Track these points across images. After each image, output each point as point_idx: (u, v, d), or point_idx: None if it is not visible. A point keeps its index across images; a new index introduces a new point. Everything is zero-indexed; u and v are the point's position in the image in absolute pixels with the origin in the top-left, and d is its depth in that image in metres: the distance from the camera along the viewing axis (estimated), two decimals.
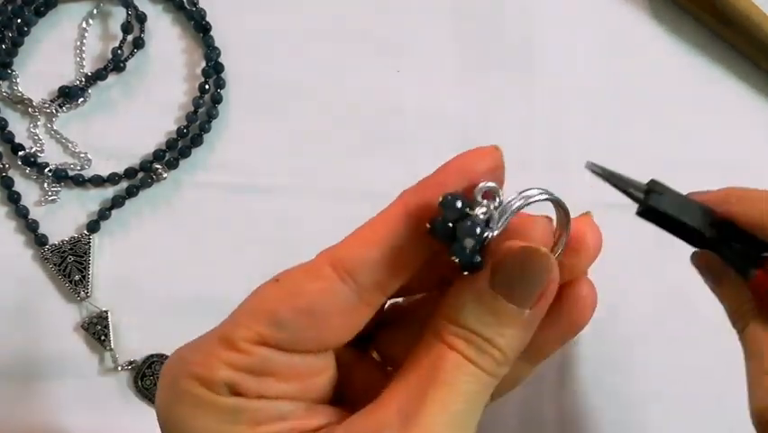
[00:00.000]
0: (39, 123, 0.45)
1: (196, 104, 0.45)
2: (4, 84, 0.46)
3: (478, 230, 0.22)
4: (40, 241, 0.43)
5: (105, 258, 0.43)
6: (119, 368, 0.42)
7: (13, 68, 0.46)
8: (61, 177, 0.44)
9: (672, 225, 0.33)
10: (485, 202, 0.23)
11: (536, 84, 0.47)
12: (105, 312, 0.42)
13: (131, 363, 0.42)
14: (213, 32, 0.47)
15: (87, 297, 0.42)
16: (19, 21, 0.46)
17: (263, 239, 0.44)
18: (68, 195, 0.44)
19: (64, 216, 0.44)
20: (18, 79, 0.46)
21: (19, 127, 0.45)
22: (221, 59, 0.46)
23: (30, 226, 0.43)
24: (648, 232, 0.44)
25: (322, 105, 0.46)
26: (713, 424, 0.42)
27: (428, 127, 0.46)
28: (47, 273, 0.43)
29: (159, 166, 0.44)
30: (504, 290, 0.24)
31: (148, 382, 0.41)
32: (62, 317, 0.42)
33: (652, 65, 0.48)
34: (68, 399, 0.41)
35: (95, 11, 0.47)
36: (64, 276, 0.42)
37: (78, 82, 0.45)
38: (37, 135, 0.45)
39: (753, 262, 0.32)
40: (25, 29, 0.46)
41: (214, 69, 0.46)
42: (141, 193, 0.44)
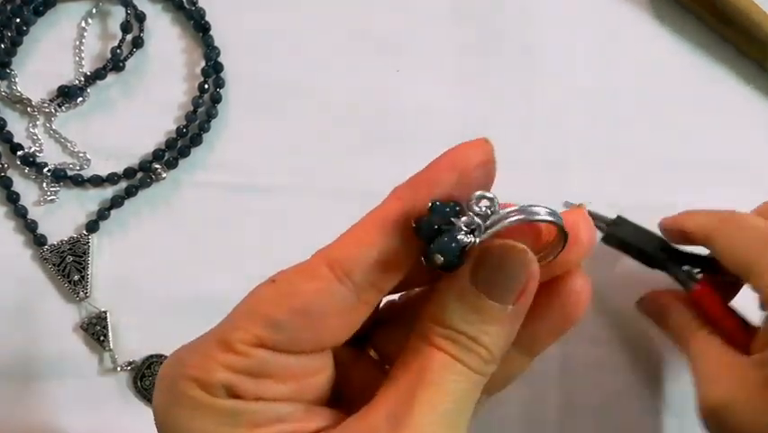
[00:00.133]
0: (38, 122, 0.45)
1: (196, 103, 0.45)
2: (3, 83, 0.45)
3: (454, 241, 0.23)
4: (39, 241, 0.43)
5: (104, 258, 0.43)
6: (118, 368, 0.41)
7: (12, 67, 0.46)
8: (60, 177, 0.44)
9: (630, 249, 0.41)
10: (475, 210, 0.23)
11: (536, 84, 0.47)
12: (105, 312, 0.42)
13: (130, 364, 0.42)
14: (212, 31, 0.47)
15: (87, 297, 0.42)
16: (18, 20, 0.46)
17: (263, 239, 0.44)
18: (67, 195, 0.44)
19: (63, 216, 0.44)
20: (17, 79, 0.46)
21: (18, 127, 0.45)
22: (220, 58, 0.46)
23: (29, 226, 0.43)
24: (658, 230, 0.45)
25: (321, 105, 0.46)
26: None
27: (428, 127, 0.46)
28: (46, 273, 0.43)
29: (158, 166, 0.44)
30: (485, 288, 0.24)
31: (147, 383, 0.41)
32: (61, 317, 0.42)
33: (652, 64, 0.48)
34: (67, 399, 0.41)
35: (94, 10, 0.47)
36: (63, 276, 0.42)
37: (77, 82, 0.45)
38: (36, 135, 0.45)
39: (694, 279, 0.40)
40: (24, 28, 0.46)
41: (213, 69, 0.46)
42: (141, 193, 0.44)
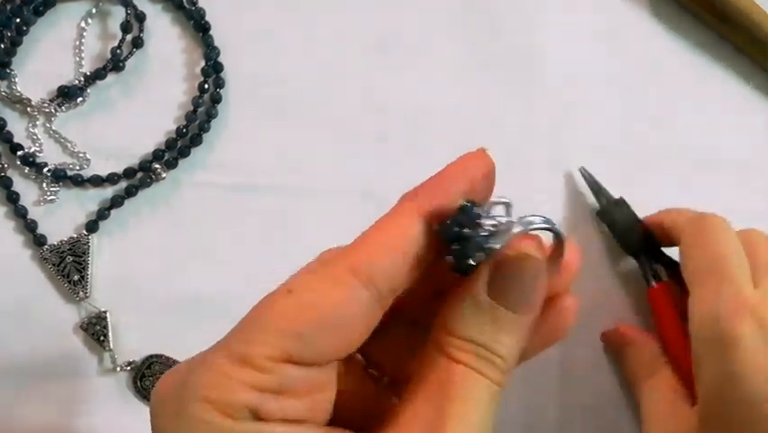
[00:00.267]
0: (37, 122, 0.45)
1: (196, 103, 0.45)
2: (3, 83, 0.45)
3: (484, 245, 0.23)
4: (38, 241, 0.43)
5: (103, 258, 0.43)
6: (118, 369, 0.41)
7: (12, 67, 0.46)
8: (60, 177, 0.44)
9: (615, 231, 0.43)
10: (494, 215, 0.24)
11: (536, 83, 0.47)
12: (104, 312, 0.42)
13: (130, 364, 0.41)
14: (212, 31, 0.47)
15: (86, 297, 0.42)
16: (18, 20, 0.46)
17: (262, 239, 0.44)
18: (66, 195, 0.44)
19: (63, 216, 0.44)
20: (17, 79, 0.46)
21: (18, 127, 0.45)
22: (220, 58, 0.46)
23: (28, 226, 0.43)
24: None
25: (321, 105, 0.46)
26: None
27: (428, 127, 0.46)
28: (46, 273, 0.43)
29: (158, 166, 0.44)
30: (501, 298, 0.24)
31: (147, 383, 0.41)
32: (61, 317, 0.42)
33: (652, 63, 0.48)
34: (67, 399, 0.41)
35: (93, 10, 0.47)
36: (63, 276, 0.42)
37: (77, 82, 0.45)
38: (36, 135, 0.45)
39: (657, 277, 0.41)
40: (24, 28, 0.46)
41: (213, 69, 0.46)
42: (141, 193, 0.44)
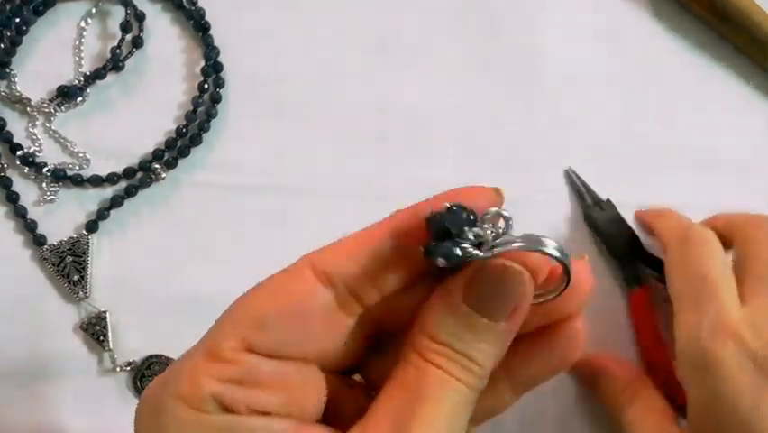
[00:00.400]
0: (37, 122, 0.45)
1: (196, 103, 0.45)
2: (3, 83, 0.45)
3: (460, 250, 0.23)
4: (38, 241, 0.43)
5: (103, 258, 0.43)
6: (118, 369, 0.41)
7: (12, 67, 0.46)
8: (60, 177, 0.44)
9: (600, 233, 0.42)
10: (485, 226, 0.23)
11: (536, 83, 0.47)
12: (104, 312, 0.42)
13: (130, 364, 0.41)
14: (212, 31, 0.47)
15: (86, 297, 0.42)
16: (17, 20, 0.46)
17: (262, 239, 0.44)
18: (66, 195, 0.44)
19: (62, 216, 0.44)
20: (16, 79, 0.46)
21: (17, 127, 0.45)
22: (220, 58, 0.46)
23: (28, 226, 0.43)
24: None
25: (321, 105, 0.46)
26: None
27: (428, 127, 0.46)
28: (45, 273, 0.43)
29: (158, 166, 0.44)
30: (477, 305, 0.24)
31: (147, 383, 0.41)
32: (61, 317, 0.42)
33: (652, 63, 0.48)
34: (66, 399, 0.41)
35: (93, 10, 0.47)
36: (63, 276, 0.42)
37: (77, 81, 0.45)
38: (35, 135, 0.45)
39: (639, 282, 0.41)
40: (24, 28, 0.46)
41: (213, 69, 0.46)
42: (140, 193, 0.44)
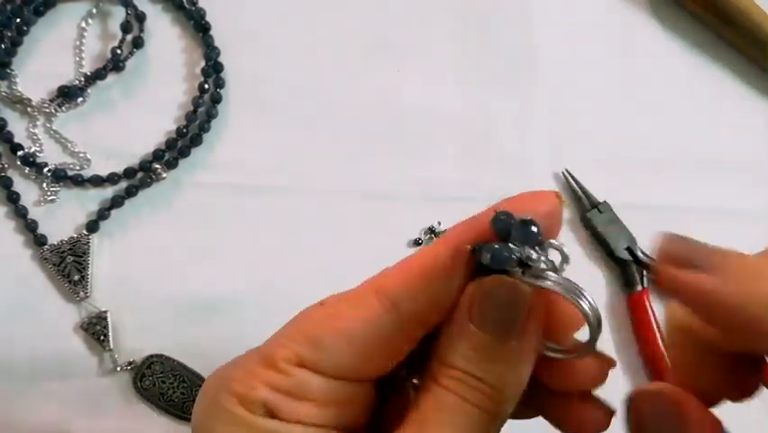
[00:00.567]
0: (38, 122, 0.45)
1: (196, 103, 0.45)
2: (4, 84, 0.45)
3: (507, 261, 0.22)
4: (39, 241, 0.43)
5: (104, 258, 0.43)
6: (118, 368, 0.41)
7: (13, 67, 0.46)
8: (60, 177, 0.44)
9: (597, 237, 0.43)
10: (541, 252, 0.23)
11: (536, 84, 0.47)
12: (105, 312, 0.42)
13: (130, 364, 0.41)
14: (212, 31, 0.47)
15: (87, 297, 0.42)
16: (18, 20, 0.46)
17: (263, 239, 0.44)
18: (67, 195, 0.44)
19: (63, 216, 0.44)
20: (17, 79, 0.46)
21: (18, 127, 0.45)
22: (220, 58, 0.46)
23: (29, 226, 0.43)
24: (658, 230, 0.45)
25: (321, 105, 0.46)
26: None
27: (428, 127, 0.46)
28: (46, 273, 0.43)
29: (158, 166, 0.44)
30: (482, 325, 0.23)
31: (147, 383, 0.41)
32: (61, 317, 0.42)
33: (652, 64, 0.48)
34: (67, 399, 0.41)
35: (94, 10, 0.47)
36: (63, 276, 0.42)
37: (78, 82, 0.45)
38: (36, 135, 0.45)
39: (639, 284, 0.41)
40: (24, 28, 0.46)
41: (213, 69, 0.46)
42: (141, 193, 0.44)
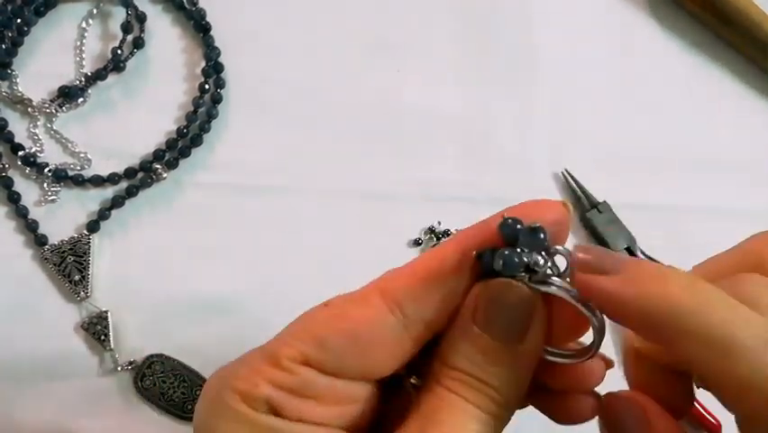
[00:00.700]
0: (38, 123, 0.45)
1: (196, 104, 0.45)
2: (4, 84, 0.45)
3: (516, 267, 0.23)
4: (39, 241, 0.43)
5: (104, 258, 0.43)
6: (119, 368, 0.41)
7: (13, 68, 0.46)
8: (61, 177, 0.44)
9: (596, 236, 0.42)
10: (546, 257, 0.23)
11: (536, 84, 0.47)
12: (105, 312, 0.42)
13: (131, 364, 0.41)
14: (213, 31, 0.47)
15: (87, 297, 0.42)
16: (19, 21, 0.46)
17: (263, 239, 0.44)
18: (67, 195, 0.44)
19: (64, 216, 0.44)
20: (18, 79, 0.46)
21: (19, 127, 0.45)
22: (221, 58, 0.46)
23: (29, 226, 0.43)
24: (657, 230, 0.45)
25: (322, 105, 0.46)
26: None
27: (428, 127, 0.46)
28: (47, 273, 0.43)
29: (158, 166, 0.44)
30: (486, 326, 0.23)
31: (148, 383, 0.41)
32: (62, 317, 0.42)
33: (651, 64, 0.48)
34: (68, 398, 0.41)
35: (94, 11, 0.47)
36: (64, 276, 0.42)
37: (78, 82, 0.45)
38: (37, 135, 0.45)
39: None
40: (25, 29, 0.46)
41: (213, 69, 0.46)
42: (141, 193, 0.44)
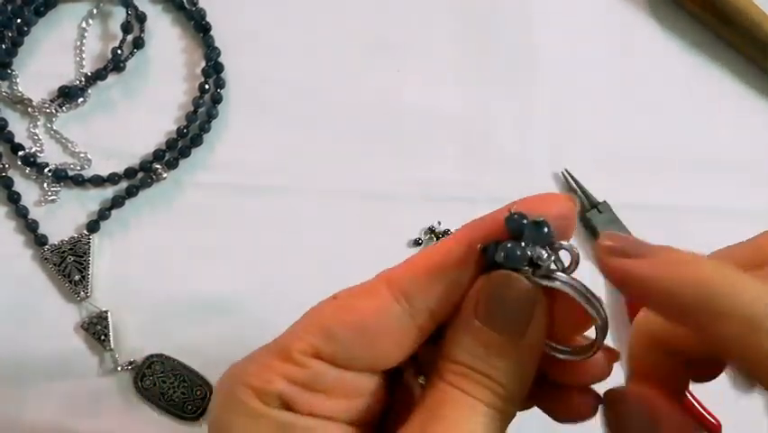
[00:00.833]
0: (38, 123, 0.45)
1: (196, 104, 0.45)
2: (4, 84, 0.46)
3: (519, 260, 0.23)
4: (39, 241, 0.43)
5: (104, 258, 0.43)
6: (119, 368, 0.41)
7: (13, 68, 0.46)
8: (61, 177, 0.44)
9: (597, 237, 0.41)
10: (551, 252, 0.23)
11: (536, 83, 0.47)
12: (105, 312, 0.42)
13: (131, 364, 0.41)
14: (213, 31, 0.47)
15: (87, 297, 0.42)
16: (19, 21, 0.46)
17: (263, 239, 0.44)
18: (67, 195, 0.44)
19: (64, 216, 0.44)
20: (18, 79, 0.46)
21: (19, 127, 0.45)
22: (221, 58, 0.46)
23: (29, 226, 0.43)
24: (657, 230, 0.45)
25: (322, 105, 0.46)
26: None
27: (428, 127, 0.46)
28: (47, 273, 0.43)
29: (158, 166, 0.44)
30: (487, 320, 0.23)
31: (148, 383, 0.41)
32: (62, 317, 0.42)
33: (651, 64, 0.48)
34: (68, 398, 0.41)
35: (95, 11, 0.47)
36: (64, 276, 0.42)
37: (78, 82, 0.45)
38: (37, 135, 0.45)
39: None
40: (25, 29, 0.46)
41: (213, 69, 0.46)
42: (141, 193, 0.44)
